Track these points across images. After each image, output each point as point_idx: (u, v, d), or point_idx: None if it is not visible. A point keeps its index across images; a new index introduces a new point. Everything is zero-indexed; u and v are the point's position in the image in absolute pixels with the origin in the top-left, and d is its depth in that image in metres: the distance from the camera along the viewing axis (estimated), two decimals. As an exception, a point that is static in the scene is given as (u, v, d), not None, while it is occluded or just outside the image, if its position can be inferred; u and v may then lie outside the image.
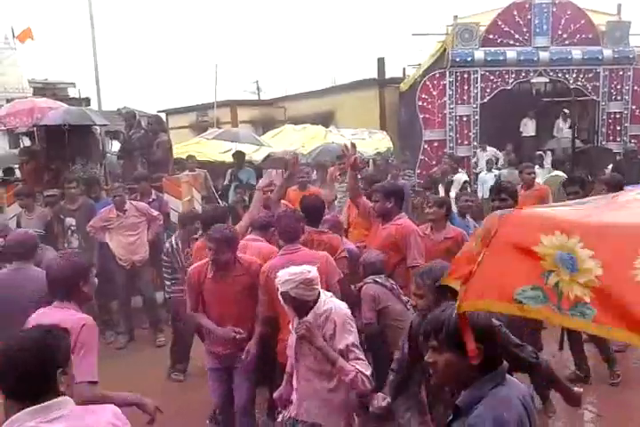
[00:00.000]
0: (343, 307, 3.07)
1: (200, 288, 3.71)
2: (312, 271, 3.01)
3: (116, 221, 6.37)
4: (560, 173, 8.75)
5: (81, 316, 2.68)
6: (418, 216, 7.36)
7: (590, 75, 13.10)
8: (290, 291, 2.96)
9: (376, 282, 3.90)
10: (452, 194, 8.73)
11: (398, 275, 4.22)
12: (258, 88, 29.49)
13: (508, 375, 2.00)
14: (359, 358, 2.94)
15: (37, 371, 1.82)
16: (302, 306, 2.99)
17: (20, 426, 1.75)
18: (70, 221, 6.50)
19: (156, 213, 6.74)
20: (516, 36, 13.02)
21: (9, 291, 3.60)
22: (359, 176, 5.30)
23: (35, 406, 1.79)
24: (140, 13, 71.53)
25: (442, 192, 9.38)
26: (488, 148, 12.96)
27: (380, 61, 16.79)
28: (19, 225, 6.40)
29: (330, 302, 3.05)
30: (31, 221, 6.40)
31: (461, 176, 10.29)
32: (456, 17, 13.28)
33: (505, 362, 1.99)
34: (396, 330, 3.67)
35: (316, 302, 3.01)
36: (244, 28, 75.50)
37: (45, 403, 1.80)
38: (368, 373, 2.93)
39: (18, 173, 9.21)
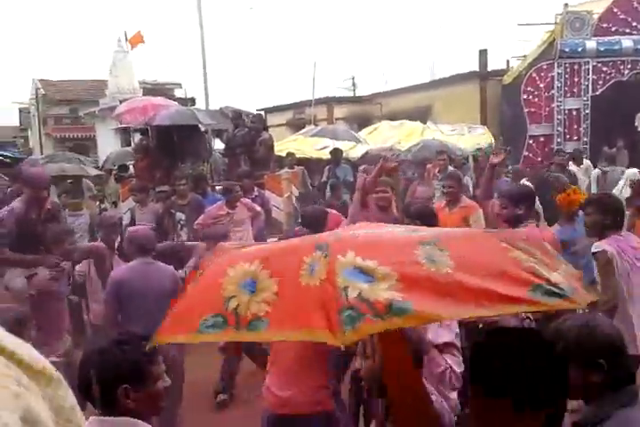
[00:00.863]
0: None
1: None
2: None
3: (226, 217, 6.57)
4: None
5: None
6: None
7: None
8: None
9: None
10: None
11: None
12: (354, 84, 29.41)
13: None
14: (454, 355, 2.86)
15: (96, 383, 1.80)
16: None
17: None
18: (180, 215, 6.78)
19: (259, 208, 6.90)
20: (634, 24, 12.16)
21: (145, 283, 3.80)
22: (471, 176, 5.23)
23: (100, 417, 1.80)
24: (238, 13, 73.77)
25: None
26: (585, 161, 11.82)
27: (482, 53, 16.23)
28: (132, 219, 6.77)
29: None
30: (144, 216, 6.74)
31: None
32: (566, 5, 12.61)
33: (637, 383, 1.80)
34: None
35: None
36: (341, 25, 75.86)
37: (108, 418, 1.79)
38: (459, 371, 2.83)
39: (132, 170, 9.75)
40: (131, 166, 9.89)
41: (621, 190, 6.81)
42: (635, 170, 9.17)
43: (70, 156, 11.10)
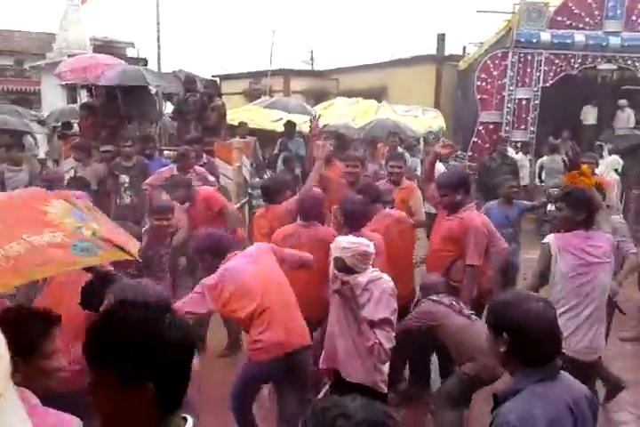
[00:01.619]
0: (387, 282, 3.07)
1: None
2: (371, 246, 3.02)
3: None
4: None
5: None
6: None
7: (662, 64, 12.50)
8: (345, 258, 2.98)
9: (433, 300, 3.75)
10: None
11: (455, 271, 4.08)
12: (312, 58, 29.14)
13: (565, 375, 1.91)
14: (385, 331, 2.98)
15: None
16: (349, 272, 3.02)
17: None
18: (124, 178, 6.63)
19: (212, 178, 6.81)
20: (587, 20, 12.46)
21: None
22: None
23: None
24: (201, -24, 71.28)
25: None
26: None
27: (440, 37, 16.33)
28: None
29: (374, 275, 3.06)
30: (86, 176, 6.55)
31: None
32: (525, -5, 12.78)
33: (558, 360, 1.88)
34: (458, 345, 3.55)
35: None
36: (302, -3, 74.57)
37: None
38: (388, 346, 2.97)
39: (76, 128, 9.43)
40: (75, 124, 9.55)
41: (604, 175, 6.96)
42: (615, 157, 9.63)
43: (11, 108, 10.62)
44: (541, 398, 1.79)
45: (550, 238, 3.45)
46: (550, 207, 10.04)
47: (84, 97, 9.98)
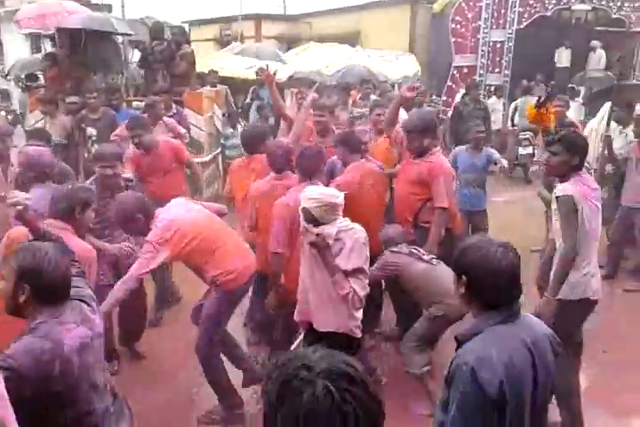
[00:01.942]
0: (359, 232, 3.11)
1: None
2: (340, 197, 3.05)
3: None
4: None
5: None
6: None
7: (637, 4, 12.33)
8: (311, 209, 3.01)
9: (392, 251, 3.87)
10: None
11: (425, 212, 4.18)
12: (284, 1, 28.19)
13: (527, 317, 1.98)
14: (359, 279, 3.04)
15: None
16: (317, 224, 3.06)
17: None
18: (91, 131, 6.52)
19: (183, 130, 6.71)
20: (562, -41, 12.20)
21: None
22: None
23: None
24: None
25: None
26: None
27: (415, -22, 15.93)
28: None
29: (345, 225, 3.10)
30: (53, 129, 6.42)
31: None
32: None
33: (518, 302, 1.93)
34: (423, 289, 3.70)
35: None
36: None
37: None
38: (362, 294, 3.05)
39: (41, 80, 9.14)
40: (40, 76, 9.25)
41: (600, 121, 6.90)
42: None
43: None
44: (500, 338, 1.85)
45: (569, 190, 3.17)
46: (522, 151, 10.17)
47: (48, 47, 9.62)
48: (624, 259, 6.14)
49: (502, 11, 12.37)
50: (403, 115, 5.26)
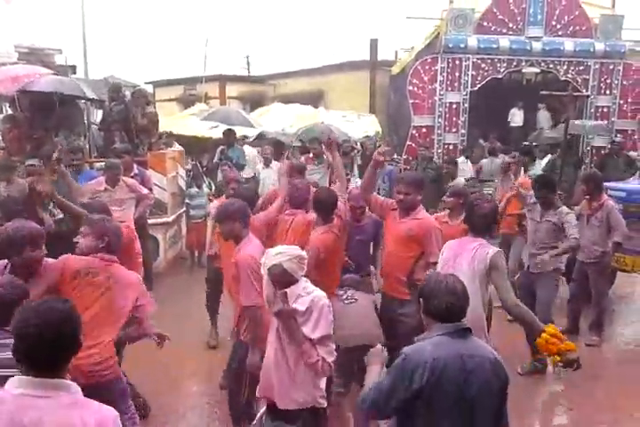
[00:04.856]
0: (322, 297, 3.06)
1: None
2: (303, 252, 3.08)
3: (104, 194, 6.29)
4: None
5: None
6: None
7: (581, 67, 13.11)
8: (283, 263, 2.95)
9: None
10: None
11: (419, 268, 4.19)
12: (248, 63, 29.07)
13: (476, 340, 2.43)
14: (326, 346, 2.99)
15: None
16: (286, 284, 2.99)
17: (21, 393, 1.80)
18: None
19: (146, 191, 6.68)
20: (510, 25, 12.96)
21: None
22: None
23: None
24: (131, -20, 69.69)
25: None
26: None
27: (373, 43, 16.68)
28: (-3, 194, 6.29)
29: (312, 290, 3.06)
30: (12, 193, 6.28)
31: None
32: (452, 1, 13.17)
33: (463, 321, 2.41)
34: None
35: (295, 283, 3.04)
36: (238, 2, 74.13)
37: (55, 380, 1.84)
38: (330, 360, 2.99)
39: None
40: (-1, 137, 9.15)
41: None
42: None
43: None
44: (437, 343, 2.33)
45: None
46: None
47: (7, 109, 9.57)
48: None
49: (457, 73, 12.97)
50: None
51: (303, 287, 3.04)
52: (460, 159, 11.44)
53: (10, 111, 9.04)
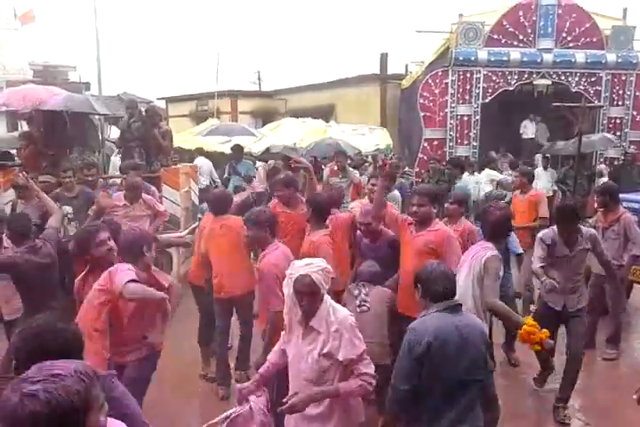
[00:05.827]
0: (347, 315, 2.94)
1: None
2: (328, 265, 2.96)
3: (122, 210, 6.33)
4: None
5: None
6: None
7: (593, 79, 13.10)
8: (312, 274, 2.78)
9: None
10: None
11: None
12: (259, 79, 29.34)
13: (468, 315, 2.95)
14: (364, 360, 2.86)
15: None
16: (314, 301, 2.84)
17: None
18: (67, 209, 6.46)
19: (163, 208, 6.71)
20: (521, 37, 13.00)
21: None
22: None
23: None
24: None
25: None
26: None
27: (383, 57, 16.75)
28: (13, 211, 6.36)
29: (337, 310, 2.92)
30: (27, 210, 6.36)
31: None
32: (461, 15, 13.24)
33: (455, 301, 2.88)
34: None
35: (321, 301, 2.88)
36: (248, 18, 75.11)
37: None
38: (371, 372, 2.85)
39: (16, 157, 9.16)
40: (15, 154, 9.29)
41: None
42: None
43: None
44: (435, 318, 2.80)
45: None
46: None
47: (25, 126, 9.73)
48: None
49: (467, 86, 12.99)
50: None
51: (327, 311, 2.88)
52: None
53: (27, 128, 9.19)
